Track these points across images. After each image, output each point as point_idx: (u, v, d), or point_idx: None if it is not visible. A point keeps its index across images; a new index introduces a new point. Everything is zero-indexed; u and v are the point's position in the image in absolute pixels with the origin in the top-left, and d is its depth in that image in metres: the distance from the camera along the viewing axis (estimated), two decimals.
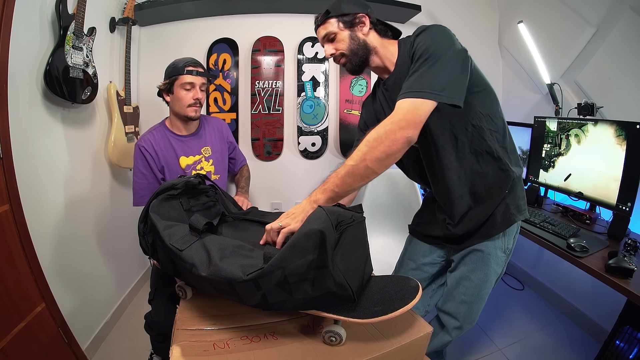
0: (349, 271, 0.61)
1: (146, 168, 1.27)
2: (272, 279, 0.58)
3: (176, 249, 0.67)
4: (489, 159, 0.94)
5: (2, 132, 0.99)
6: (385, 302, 0.63)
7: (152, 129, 1.33)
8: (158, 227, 0.72)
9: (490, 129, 0.93)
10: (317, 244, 0.57)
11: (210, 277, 0.62)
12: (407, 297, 0.62)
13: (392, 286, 0.67)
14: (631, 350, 1.14)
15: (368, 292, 0.66)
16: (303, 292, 0.59)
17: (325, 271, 0.58)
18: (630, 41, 1.51)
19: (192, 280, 0.71)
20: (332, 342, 0.64)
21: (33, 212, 1.14)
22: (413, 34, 0.88)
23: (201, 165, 1.36)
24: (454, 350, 1.59)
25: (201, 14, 2.06)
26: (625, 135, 1.29)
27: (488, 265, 1.04)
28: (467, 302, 1.08)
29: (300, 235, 0.59)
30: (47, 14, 1.26)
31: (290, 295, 0.60)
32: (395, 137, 0.73)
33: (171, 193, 0.84)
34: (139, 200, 1.28)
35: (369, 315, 0.60)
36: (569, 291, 1.84)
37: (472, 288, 1.07)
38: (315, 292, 0.59)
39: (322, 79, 2.19)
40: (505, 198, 0.99)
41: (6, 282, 0.98)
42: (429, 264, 1.18)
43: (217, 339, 0.65)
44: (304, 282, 0.59)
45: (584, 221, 1.51)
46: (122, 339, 1.64)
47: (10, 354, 0.96)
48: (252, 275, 0.59)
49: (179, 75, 1.22)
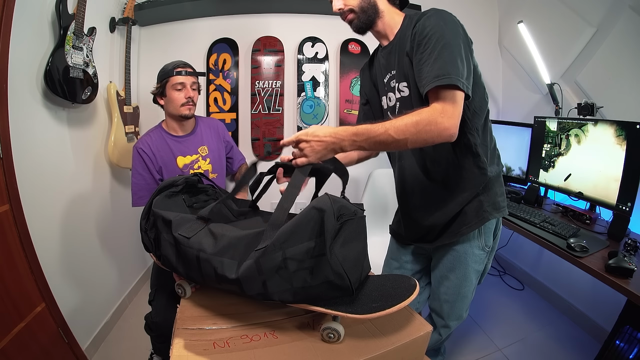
0: (347, 262, 0.62)
1: (144, 169, 1.30)
2: (272, 259, 0.60)
3: (183, 237, 0.69)
4: (466, 153, 0.92)
5: (2, 132, 0.99)
6: (383, 299, 0.64)
7: (149, 132, 1.37)
8: (169, 217, 0.73)
9: (474, 123, 0.91)
10: (316, 232, 0.59)
11: (215, 259, 0.64)
12: (405, 294, 0.63)
13: (389, 284, 0.68)
14: (631, 350, 1.14)
15: (366, 289, 0.67)
16: (302, 280, 0.61)
17: (324, 259, 0.59)
18: (630, 41, 1.51)
19: (195, 272, 0.70)
20: (330, 339, 0.64)
21: (33, 212, 1.14)
22: (422, 14, 0.85)
23: (198, 165, 1.37)
24: (454, 350, 1.59)
25: (201, 14, 2.06)
26: (625, 135, 1.29)
27: (465, 264, 1.03)
28: (449, 301, 1.09)
29: (301, 218, 0.61)
30: (47, 14, 1.26)
31: (290, 284, 0.61)
32: (441, 135, 0.75)
33: (173, 190, 0.85)
34: (138, 201, 1.31)
35: (367, 311, 0.61)
36: (569, 291, 1.84)
37: (452, 287, 1.07)
38: (314, 280, 0.61)
39: (322, 79, 2.19)
40: (478, 195, 0.96)
41: (6, 282, 0.98)
42: (411, 262, 1.18)
43: (217, 338, 0.65)
44: (303, 270, 0.60)
45: (584, 221, 1.51)
46: (122, 339, 1.64)
47: (10, 354, 0.96)
48: (254, 254, 0.61)
49: (170, 77, 1.27)
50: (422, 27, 0.80)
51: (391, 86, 0.96)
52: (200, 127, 1.42)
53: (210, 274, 0.67)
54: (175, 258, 0.72)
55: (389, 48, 0.94)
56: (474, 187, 0.95)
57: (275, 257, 0.60)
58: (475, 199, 0.96)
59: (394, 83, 0.94)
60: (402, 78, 0.90)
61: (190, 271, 0.71)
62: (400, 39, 0.90)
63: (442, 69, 0.75)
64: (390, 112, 0.99)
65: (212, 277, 0.67)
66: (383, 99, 1.01)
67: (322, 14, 2.12)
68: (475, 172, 0.93)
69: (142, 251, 2.11)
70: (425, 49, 0.79)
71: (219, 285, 0.68)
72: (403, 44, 0.88)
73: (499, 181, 1.00)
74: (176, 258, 0.72)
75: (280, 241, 0.60)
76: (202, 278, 0.70)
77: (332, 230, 0.60)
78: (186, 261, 0.70)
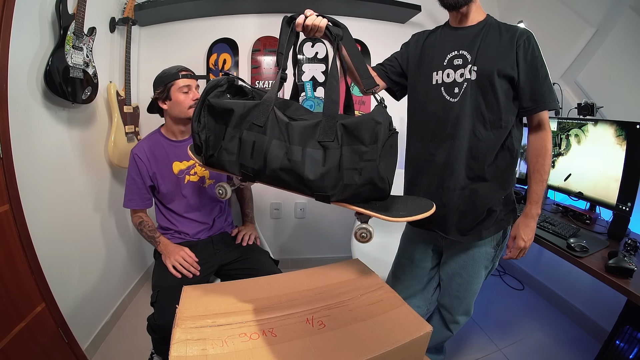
0: (388, 170, 0.73)
1: (137, 174, 1.34)
2: (333, 154, 0.71)
3: (256, 125, 0.75)
4: (507, 155, 0.99)
5: (2, 132, 0.99)
6: (407, 210, 0.76)
7: (147, 137, 1.40)
8: (238, 104, 0.76)
9: (517, 132, 1.00)
10: (371, 139, 0.70)
11: (284, 145, 0.73)
12: (425, 209, 0.76)
13: (410, 202, 0.82)
14: (631, 350, 1.14)
15: (392, 202, 0.79)
16: (351, 178, 0.71)
17: (372, 164, 0.70)
18: (630, 41, 1.51)
19: (259, 159, 0.75)
20: (363, 238, 0.78)
21: (33, 212, 1.14)
22: (518, 29, 0.94)
23: (194, 170, 1.38)
24: (454, 349, 1.59)
25: (201, 14, 2.06)
26: (625, 135, 1.29)
27: (478, 261, 1.07)
28: (460, 297, 1.12)
29: (361, 123, 0.70)
30: (47, 14, 1.26)
31: (342, 180, 0.71)
32: (549, 144, 0.98)
33: (220, 90, 0.86)
34: (128, 203, 1.36)
35: (397, 217, 0.73)
36: (569, 291, 1.84)
37: (464, 285, 1.10)
38: (360, 180, 0.71)
39: (322, 79, 2.19)
40: (501, 201, 1.01)
41: (6, 282, 0.98)
42: (424, 259, 1.19)
43: (216, 336, 0.65)
44: (353, 170, 0.71)
45: (584, 221, 1.51)
46: (122, 339, 1.64)
47: (10, 354, 0.96)
48: (320, 146, 0.72)
49: (175, 81, 1.29)
50: (533, 47, 0.92)
51: (454, 64, 0.98)
52: None
53: (276, 157, 0.73)
54: (237, 149, 0.77)
55: (467, 31, 0.98)
56: (503, 188, 1.01)
57: (336, 153, 0.71)
58: (499, 203, 1.01)
59: (458, 62, 0.97)
60: (478, 64, 0.94)
61: (252, 159, 0.76)
62: (488, 32, 0.96)
63: (553, 94, 0.94)
64: (445, 88, 0.99)
65: (277, 162, 0.73)
66: (435, 74, 1.01)
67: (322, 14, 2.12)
68: (508, 176, 1.01)
69: (142, 251, 2.12)
70: (541, 70, 0.92)
71: (280, 172, 0.74)
72: (494, 45, 0.94)
73: (512, 197, 1.07)
74: (238, 149, 0.77)
75: (342, 140, 0.71)
76: (263, 164, 0.74)
77: (383, 140, 0.71)
78: (249, 150, 0.75)
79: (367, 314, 0.74)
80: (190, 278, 1.25)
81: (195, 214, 1.41)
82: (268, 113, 0.75)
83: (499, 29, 0.95)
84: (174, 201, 1.38)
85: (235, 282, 0.89)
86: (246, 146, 0.75)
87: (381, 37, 2.17)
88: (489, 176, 0.97)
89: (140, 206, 1.37)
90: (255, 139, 0.74)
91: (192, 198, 1.38)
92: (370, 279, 0.90)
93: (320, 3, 2.01)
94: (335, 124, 0.71)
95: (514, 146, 0.98)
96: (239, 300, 0.77)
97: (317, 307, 0.76)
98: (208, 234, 1.43)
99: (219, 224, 1.47)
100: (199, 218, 1.41)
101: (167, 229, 1.41)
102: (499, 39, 0.94)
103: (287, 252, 2.40)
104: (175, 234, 1.40)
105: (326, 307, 0.76)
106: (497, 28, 0.96)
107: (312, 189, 0.73)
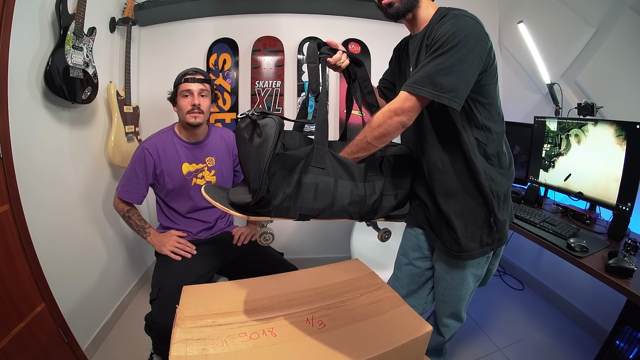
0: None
1: (141, 169, 1.33)
2: (379, 184, 0.90)
3: (319, 167, 0.79)
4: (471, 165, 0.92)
5: (2, 132, 0.99)
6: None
7: (160, 132, 1.39)
8: (302, 152, 0.78)
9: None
10: (407, 173, 0.96)
11: (348, 183, 0.83)
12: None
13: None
14: (631, 350, 1.14)
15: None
16: (389, 202, 0.92)
17: (403, 191, 0.96)
18: (630, 41, 1.51)
19: (327, 200, 0.81)
20: (385, 238, 1.01)
21: (33, 212, 1.14)
22: (448, 15, 0.82)
23: (202, 174, 1.39)
24: (454, 349, 1.59)
25: (201, 14, 2.06)
26: (625, 135, 1.29)
27: (462, 268, 1.00)
28: (446, 302, 1.08)
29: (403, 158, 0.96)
30: (47, 14, 1.26)
31: (381, 202, 0.90)
32: (391, 122, 0.83)
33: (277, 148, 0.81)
34: (124, 195, 1.35)
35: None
36: (569, 291, 1.84)
37: (448, 289, 1.05)
38: (395, 203, 0.94)
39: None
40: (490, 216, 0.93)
41: (6, 282, 0.98)
42: (420, 259, 1.16)
43: (216, 336, 0.65)
44: (390, 196, 0.92)
45: (584, 221, 1.51)
46: (122, 339, 1.64)
47: (10, 354, 0.96)
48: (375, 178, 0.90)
49: (179, 85, 1.30)
50: (438, 32, 0.80)
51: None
52: (211, 137, 1.44)
53: (345, 195, 0.83)
54: (312, 195, 0.79)
55: (416, 44, 0.92)
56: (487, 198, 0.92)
57: (380, 184, 0.90)
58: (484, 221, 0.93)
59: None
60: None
61: (322, 201, 0.80)
62: (425, 36, 0.88)
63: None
64: None
65: (347, 198, 0.83)
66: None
67: (322, 14, 2.12)
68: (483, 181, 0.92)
69: (142, 251, 2.12)
70: (428, 54, 0.81)
71: (348, 207, 0.85)
72: (425, 43, 0.86)
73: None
74: (313, 194, 0.79)
75: (385, 172, 0.92)
76: (331, 203, 0.81)
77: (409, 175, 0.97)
78: (316, 192, 0.79)
79: (367, 314, 0.74)
80: (190, 258, 1.29)
81: (198, 213, 1.42)
82: (325, 155, 0.80)
83: (433, 28, 0.86)
84: (179, 201, 1.39)
85: (235, 282, 0.89)
86: (306, 189, 0.78)
87: (381, 37, 2.17)
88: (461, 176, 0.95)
89: (134, 200, 1.37)
90: (318, 180, 0.79)
91: (198, 200, 1.39)
92: (370, 279, 0.90)
93: (320, 3, 2.01)
94: (375, 160, 0.89)
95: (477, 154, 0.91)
96: (239, 300, 0.77)
97: (317, 306, 0.76)
98: (209, 233, 1.44)
99: (221, 225, 1.48)
100: (202, 217, 1.43)
101: (169, 228, 1.41)
102: (428, 37, 0.87)
103: (288, 252, 2.38)
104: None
105: (326, 307, 0.76)
106: (433, 28, 0.86)
107: (362, 216, 0.90)
